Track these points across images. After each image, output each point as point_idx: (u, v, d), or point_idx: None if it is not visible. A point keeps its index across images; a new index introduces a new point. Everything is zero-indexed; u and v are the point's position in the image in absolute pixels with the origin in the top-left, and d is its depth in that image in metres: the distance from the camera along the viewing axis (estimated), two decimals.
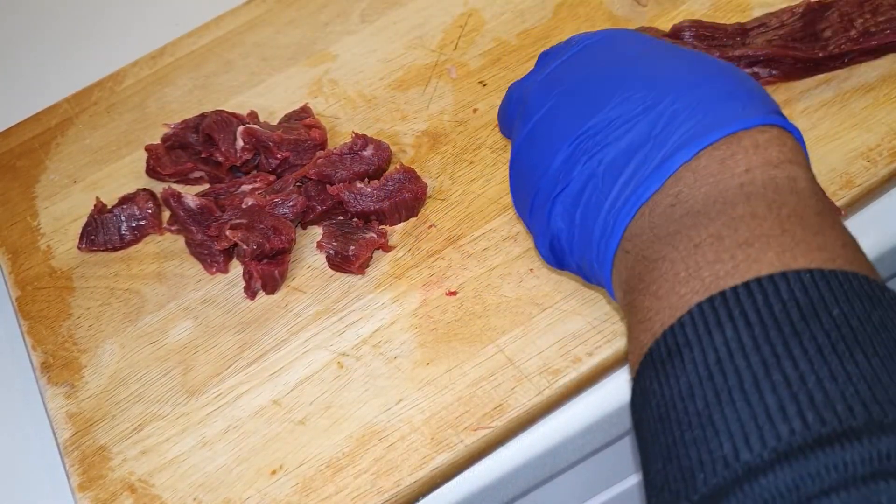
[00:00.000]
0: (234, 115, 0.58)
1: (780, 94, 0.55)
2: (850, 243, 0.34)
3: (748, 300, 0.31)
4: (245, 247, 0.52)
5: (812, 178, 0.36)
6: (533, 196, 0.41)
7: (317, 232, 0.55)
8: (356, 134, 0.56)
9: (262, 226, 0.53)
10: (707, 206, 0.34)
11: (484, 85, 0.60)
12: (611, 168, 0.37)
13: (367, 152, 0.55)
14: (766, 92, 0.39)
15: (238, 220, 0.53)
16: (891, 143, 0.51)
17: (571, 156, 0.39)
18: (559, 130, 0.40)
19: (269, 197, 0.54)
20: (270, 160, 0.57)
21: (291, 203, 0.54)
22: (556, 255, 0.42)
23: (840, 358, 0.29)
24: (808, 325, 0.29)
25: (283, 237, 0.53)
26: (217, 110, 0.59)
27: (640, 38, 0.43)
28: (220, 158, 0.57)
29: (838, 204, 0.50)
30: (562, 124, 0.40)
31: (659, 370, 0.32)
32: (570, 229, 0.40)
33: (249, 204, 0.54)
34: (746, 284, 0.31)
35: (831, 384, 0.28)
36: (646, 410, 0.33)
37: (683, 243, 0.34)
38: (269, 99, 0.62)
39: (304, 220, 0.55)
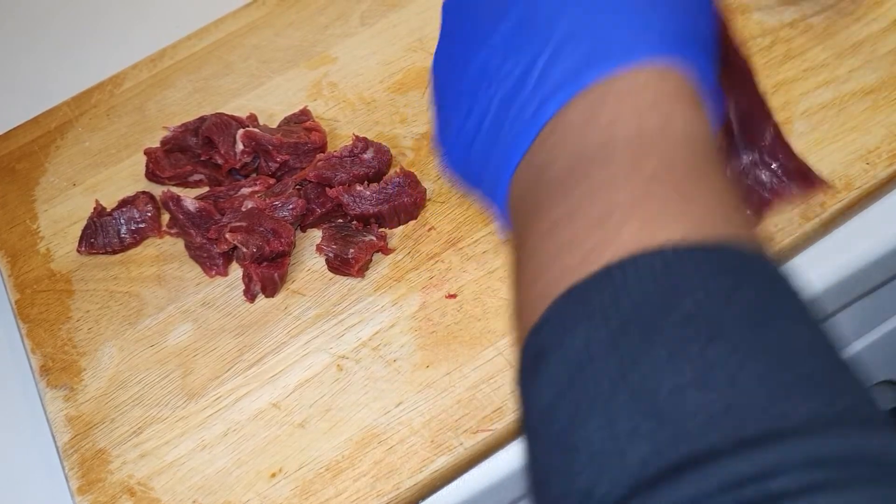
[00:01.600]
0: (233, 117, 0.58)
1: (780, 96, 0.55)
2: (722, 201, 0.29)
3: (599, 293, 0.27)
4: (245, 249, 0.52)
5: (694, 119, 0.31)
6: (445, 101, 0.38)
7: (316, 235, 0.55)
8: (356, 136, 0.56)
9: (261, 228, 0.53)
10: (569, 170, 0.31)
11: None
12: (501, 108, 0.34)
13: (368, 155, 0.55)
14: (688, 7, 0.33)
15: (238, 223, 0.53)
16: (890, 145, 0.51)
17: (470, 86, 0.35)
18: (462, 51, 0.36)
19: (269, 200, 0.54)
20: (270, 163, 0.57)
21: (291, 206, 0.54)
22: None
23: (693, 361, 0.25)
24: (661, 322, 0.25)
25: (282, 240, 0.53)
26: (217, 113, 0.59)
27: None
28: (220, 161, 0.57)
29: (838, 207, 0.50)
30: (464, 43, 0.36)
31: (527, 378, 0.29)
32: (471, 158, 0.36)
33: (249, 207, 0.54)
34: (599, 274, 0.27)
35: (683, 396, 0.24)
36: (524, 418, 0.30)
37: (544, 221, 0.30)
38: (268, 101, 0.62)
39: (303, 223, 0.55)
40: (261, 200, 0.54)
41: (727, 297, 0.26)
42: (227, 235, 0.52)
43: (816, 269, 0.51)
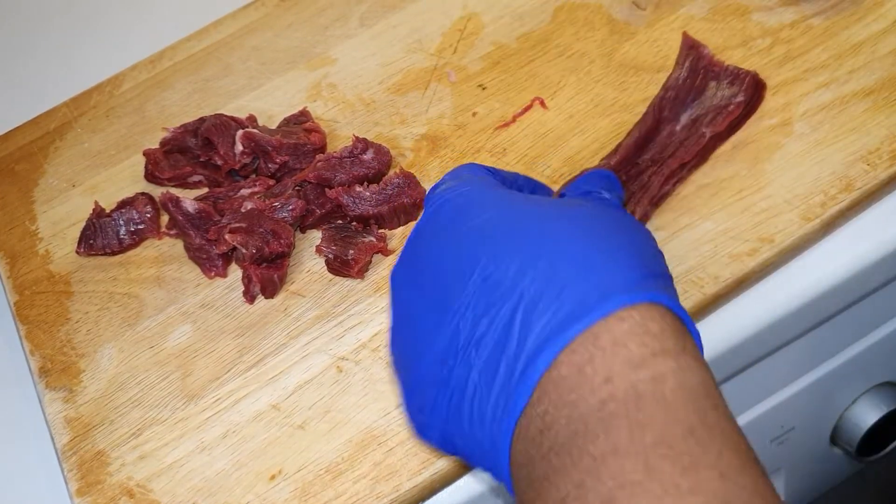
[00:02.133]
0: (233, 118, 0.58)
1: (780, 97, 0.55)
2: (729, 466, 0.28)
3: None
4: (244, 250, 0.52)
5: (685, 368, 0.31)
6: (413, 377, 0.37)
7: (316, 236, 0.55)
8: (356, 137, 0.56)
9: (261, 229, 0.53)
10: (570, 438, 0.30)
11: (483, 88, 0.60)
12: (486, 369, 0.33)
13: (367, 156, 0.55)
14: (646, 243, 0.34)
15: (237, 224, 0.53)
16: (891, 146, 0.51)
17: (446, 345, 0.35)
18: (427, 312, 0.36)
19: (269, 200, 0.54)
20: (269, 164, 0.56)
21: (291, 207, 0.54)
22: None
23: None
24: None
25: (282, 241, 0.53)
26: (216, 114, 0.59)
27: (497, 195, 0.38)
28: (219, 162, 0.57)
29: (838, 208, 0.50)
30: (427, 312, 0.36)
31: None
32: (459, 433, 0.35)
33: (248, 208, 0.54)
34: None
35: None
36: None
37: (552, 496, 0.29)
38: (268, 102, 0.62)
39: (303, 224, 0.55)
40: (260, 201, 0.54)
41: None
42: (227, 236, 0.52)
43: (817, 271, 0.51)
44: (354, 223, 0.54)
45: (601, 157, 0.54)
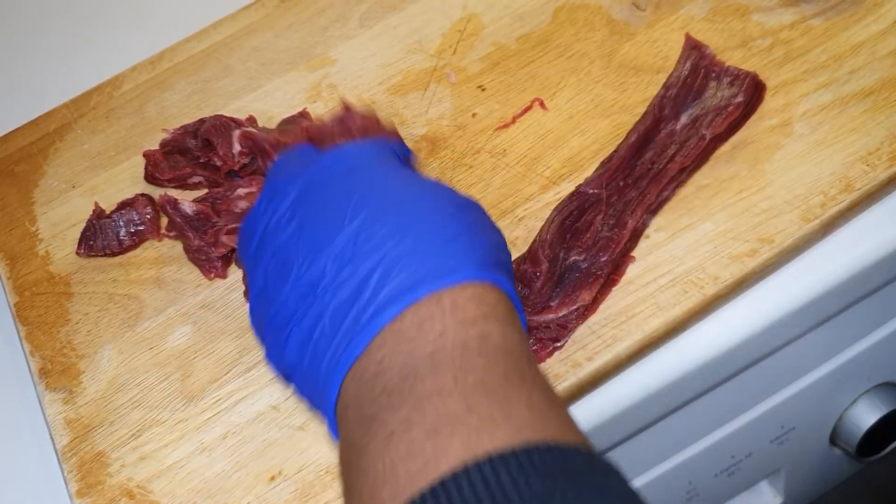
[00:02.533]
0: (232, 119, 0.58)
1: (780, 97, 0.55)
2: (540, 404, 0.32)
3: None
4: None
5: (509, 332, 0.35)
6: (271, 318, 0.40)
7: None
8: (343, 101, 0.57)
9: None
10: (401, 381, 0.33)
11: (483, 89, 0.60)
12: (338, 309, 0.36)
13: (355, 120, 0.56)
14: (495, 236, 0.38)
15: (233, 226, 0.53)
16: (890, 146, 0.51)
17: (306, 292, 0.38)
18: (297, 253, 0.39)
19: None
20: (268, 163, 0.56)
21: None
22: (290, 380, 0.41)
23: None
24: None
25: None
26: (216, 115, 0.59)
27: (390, 164, 0.43)
28: (218, 163, 0.57)
29: (838, 208, 0.50)
30: (300, 247, 0.39)
31: None
32: (298, 363, 0.39)
33: (242, 207, 0.54)
34: (432, 489, 0.29)
35: None
36: None
37: (381, 431, 0.32)
38: (267, 103, 0.62)
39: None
40: (253, 198, 0.54)
41: (544, 498, 0.28)
42: (224, 238, 0.52)
43: (817, 271, 0.51)
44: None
45: (601, 158, 0.54)
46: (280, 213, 0.41)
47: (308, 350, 0.38)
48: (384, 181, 0.41)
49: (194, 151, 0.58)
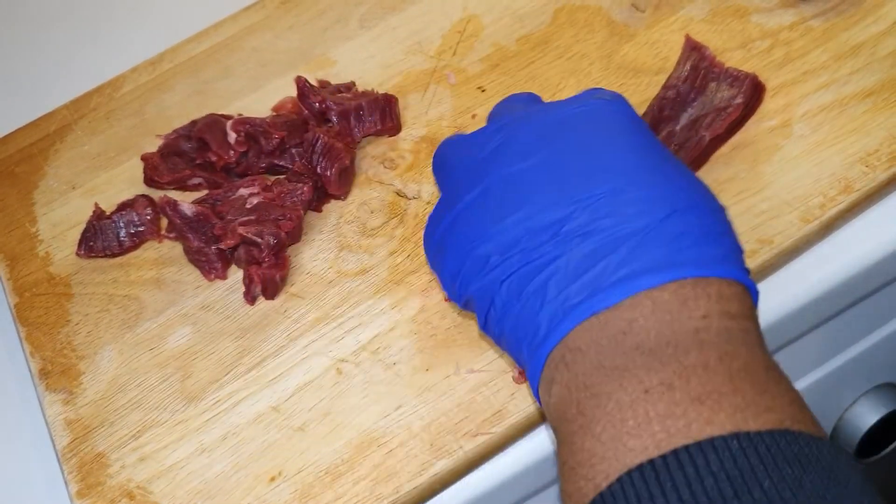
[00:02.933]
0: (223, 115, 0.59)
1: (780, 98, 0.55)
2: (797, 400, 0.34)
3: (688, 465, 0.30)
4: (261, 240, 0.52)
5: (762, 336, 0.36)
6: (482, 240, 0.39)
7: (316, 238, 0.55)
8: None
9: (273, 217, 0.53)
10: (660, 346, 0.34)
11: (483, 90, 0.60)
12: (581, 259, 0.36)
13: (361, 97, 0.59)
14: (740, 245, 0.38)
15: (247, 217, 0.53)
16: (890, 147, 0.51)
17: (551, 223, 0.37)
18: (545, 190, 0.38)
19: (277, 189, 0.54)
20: (270, 142, 0.56)
21: (299, 193, 0.54)
22: (479, 311, 0.40)
23: None
24: (740, 502, 0.29)
25: (292, 220, 0.53)
26: (207, 114, 0.59)
27: (633, 120, 0.41)
28: (214, 158, 0.57)
29: (838, 209, 0.50)
30: (550, 186, 0.38)
31: None
32: (515, 294, 0.38)
33: (255, 203, 0.54)
34: (699, 445, 0.30)
35: None
36: None
37: (633, 385, 0.33)
38: (268, 104, 0.62)
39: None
40: (268, 192, 0.54)
41: (796, 481, 0.30)
42: (241, 230, 0.52)
43: (817, 272, 0.51)
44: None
45: None
46: (519, 142, 0.40)
47: (532, 282, 0.37)
48: (648, 143, 0.40)
49: (190, 154, 0.59)
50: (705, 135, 0.52)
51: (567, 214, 0.37)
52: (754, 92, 0.53)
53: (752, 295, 0.37)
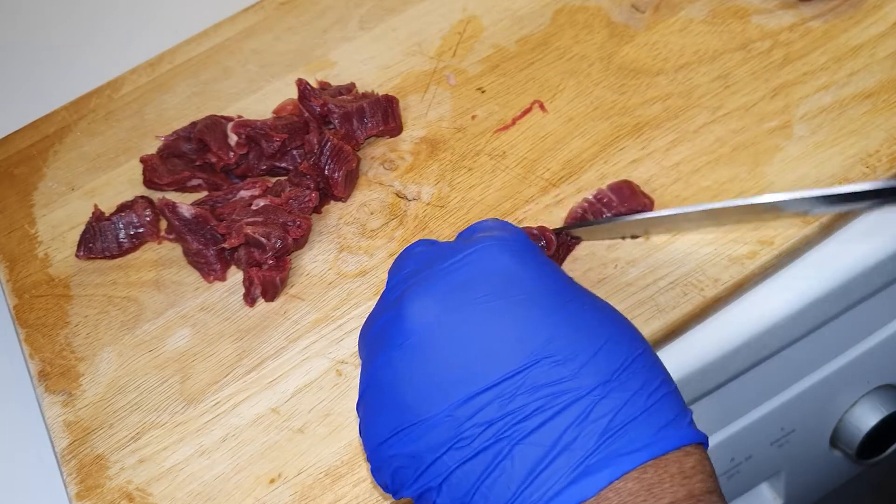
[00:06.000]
0: (223, 117, 0.59)
1: (779, 100, 0.55)
2: None
3: None
4: (266, 241, 0.52)
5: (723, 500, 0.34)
6: (407, 428, 0.35)
7: (316, 239, 0.55)
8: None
9: (281, 220, 0.53)
10: None
11: (483, 91, 0.60)
12: (526, 454, 0.33)
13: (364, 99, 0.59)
14: (674, 384, 0.36)
15: (253, 219, 0.53)
16: (889, 148, 0.51)
17: (479, 410, 0.34)
18: (462, 368, 0.34)
19: (284, 195, 0.54)
20: (271, 144, 0.56)
21: (306, 199, 0.54)
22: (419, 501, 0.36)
23: None
24: None
25: (301, 226, 0.53)
26: (207, 116, 0.59)
27: (543, 267, 0.37)
28: (214, 159, 0.57)
29: (837, 210, 0.50)
30: (467, 361, 0.34)
31: None
32: (460, 500, 0.34)
33: (261, 205, 0.54)
34: None
35: None
36: None
37: None
38: (267, 105, 0.62)
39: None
40: (274, 199, 0.54)
41: None
42: (248, 230, 0.52)
43: (816, 273, 0.51)
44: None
45: (601, 160, 0.54)
46: (414, 316, 0.36)
47: (479, 489, 0.33)
48: (560, 286, 0.36)
49: (190, 155, 0.59)
50: None
51: (496, 397, 0.33)
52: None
53: (705, 447, 0.35)
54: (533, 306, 0.35)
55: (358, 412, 0.39)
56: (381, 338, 0.37)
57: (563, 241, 0.51)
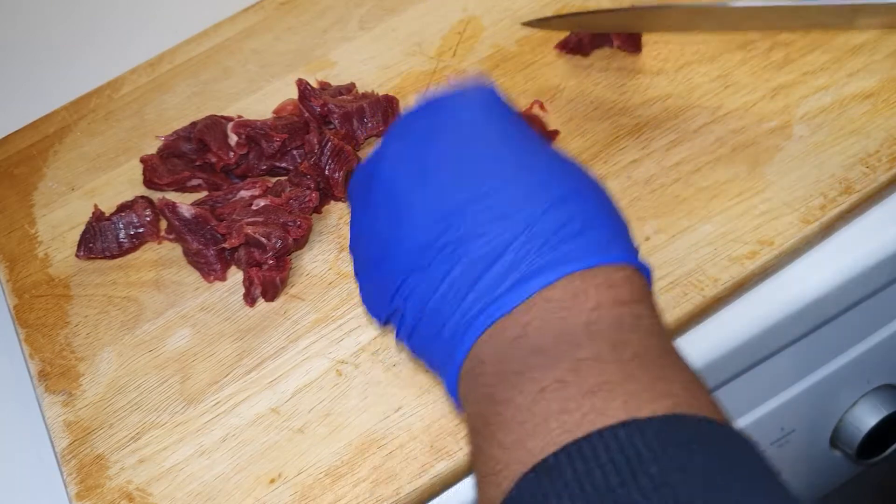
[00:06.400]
0: (223, 117, 0.59)
1: (779, 100, 0.55)
2: (693, 383, 0.33)
3: (587, 454, 0.30)
4: (266, 241, 0.52)
5: (656, 317, 0.36)
6: (380, 261, 0.39)
7: (316, 240, 0.55)
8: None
9: (281, 221, 0.53)
10: (554, 344, 0.34)
11: None
12: (471, 269, 0.36)
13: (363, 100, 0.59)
14: (626, 223, 0.38)
15: (254, 219, 0.53)
16: (890, 148, 0.51)
17: (436, 237, 0.37)
18: (421, 203, 0.38)
19: (285, 195, 0.54)
20: (271, 145, 0.56)
21: (306, 199, 0.54)
22: (394, 324, 0.40)
23: None
24: (628, 490, 0.28)
25: (302, 227, 0.53)
26: (207, 116, 0.59)
27: (505, 111, 0.41)
28: (214, 159, 0.57)
29: (838, 210, 0.50)
30: (425, 197, 0.38)
31: None
32: (418, 314, 0.38)
33: (261, 205, 0.54)
34: (588, 438, 0.30)
35: None
36: None
37: (529, 386, 0.33)
38: (267, 105, 0.62)
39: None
40: (274, 199, 0.54)
41: (683, 465, 0.29)
42: (248, 229, 0.52)
43: (817, 273, 0.51)
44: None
45: (601, 160, 0.54)
46: (399, 156, 0.40)
47: (431, 300, 0.37)
48: (520, 135, 0.39)
49: (190, 155, 0.59)
50: None
51: (448, 225, 0.37)
52: None
53: (646, 276, 0.37)
54: (488, 150, 0.38)
55: (351, 254, 0.43)
56: (360, 186, 0.42)
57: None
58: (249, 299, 0.53)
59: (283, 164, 0.57)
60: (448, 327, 0.36)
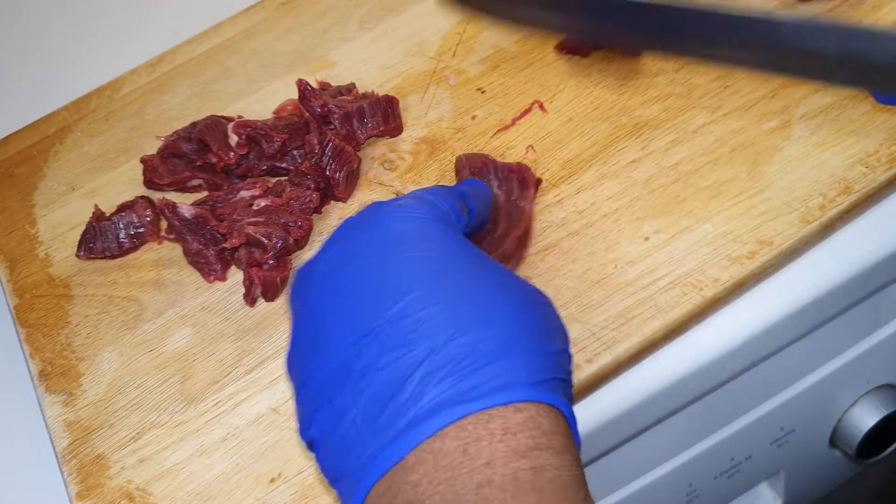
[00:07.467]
0: (223, 117, 0.59)
1: (779, 100, 0.55)
2: None
3: None
4: (267, 241, 0.52)
5: (564, 464, 0.32)
6: (297, 388, 0.37)
7: (317, 241, 0.55)
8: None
9: (282, 221, 0.53)
10: None
11: (483, 92, 0.60)
12: (369, 406, 0.33)
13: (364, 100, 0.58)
14: (559, 338, 0.35)
15: (255, 219, 0.53)
16: (889, 148, 0.51)
17: (339, 369, 0.34)
18: (330, 331, 0.36)
19: (285, 195, 0.54)
20: (271, 145, 0.56)
21: (308, 199, 0.54)
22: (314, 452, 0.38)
23: None
24: None
25: (303, 227, 0.53)
26: (207, 116, 0.59)
27: (436, 228, 0.38)
28: (214, 160, 0.57)
29: (837, 210, 0.50)
30: (331, 323, 0.36)
31: None
32: (324, 446, 0.35)
33: (262, 205, 0.54)
34: None
35: None
36: None
37: None
38: (267, 106, 0.62)
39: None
40: (275, 200, 0.54)
41: None
42: (249, 229, 0.52)
43: (816, 273, 0.51)
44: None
45: (600, 161, 0.54)
46: (324, 270, 0.38)
47: (336, 434, 0.34)
48: (448, 253, 0.37)
49: (190, 155, 0.59)
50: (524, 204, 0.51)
51: (358, 351, 0.34)
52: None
53: (564, 412, 0.34)
54: (406, 267, 0.36)
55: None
56: (295, 293, 0.39)
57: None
58: (250, 299, 0.53)
59: (284, 165, 0.57)
60: (349, 466, 0.34)
